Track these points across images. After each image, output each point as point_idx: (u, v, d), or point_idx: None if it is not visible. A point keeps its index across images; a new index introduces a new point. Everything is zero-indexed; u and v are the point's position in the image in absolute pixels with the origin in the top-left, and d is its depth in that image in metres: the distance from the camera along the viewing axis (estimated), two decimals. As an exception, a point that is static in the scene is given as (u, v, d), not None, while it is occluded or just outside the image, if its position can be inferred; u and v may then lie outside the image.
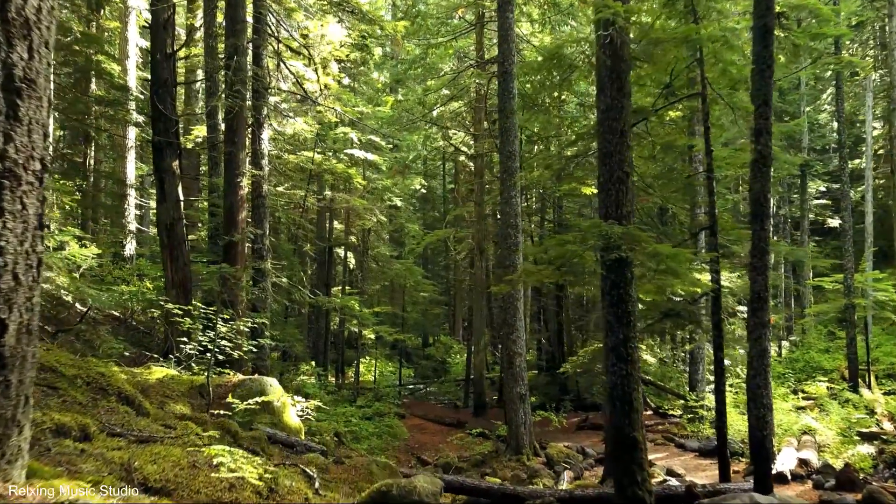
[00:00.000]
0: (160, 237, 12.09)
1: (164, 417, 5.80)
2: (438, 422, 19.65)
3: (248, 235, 12.34)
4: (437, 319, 35.40)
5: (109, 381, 5.45)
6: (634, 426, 6.47)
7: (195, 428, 4.97)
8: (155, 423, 4.90)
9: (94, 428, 3.64)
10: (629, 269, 6.70)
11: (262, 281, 12.58)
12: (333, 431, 14.65)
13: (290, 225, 20.58)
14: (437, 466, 14.14)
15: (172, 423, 5.07)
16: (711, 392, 16.99)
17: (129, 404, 5.41)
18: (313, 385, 16.57)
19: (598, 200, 6.96)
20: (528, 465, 13.39)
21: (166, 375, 8.16)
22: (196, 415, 7.03)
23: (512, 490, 7.91)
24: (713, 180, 9.08)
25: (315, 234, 24.66)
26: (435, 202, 44.77)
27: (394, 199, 24.44)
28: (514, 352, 13.92)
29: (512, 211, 14.10)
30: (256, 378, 8.43)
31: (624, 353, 6.63)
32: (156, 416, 5.74)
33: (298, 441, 7.66)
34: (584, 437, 16.28)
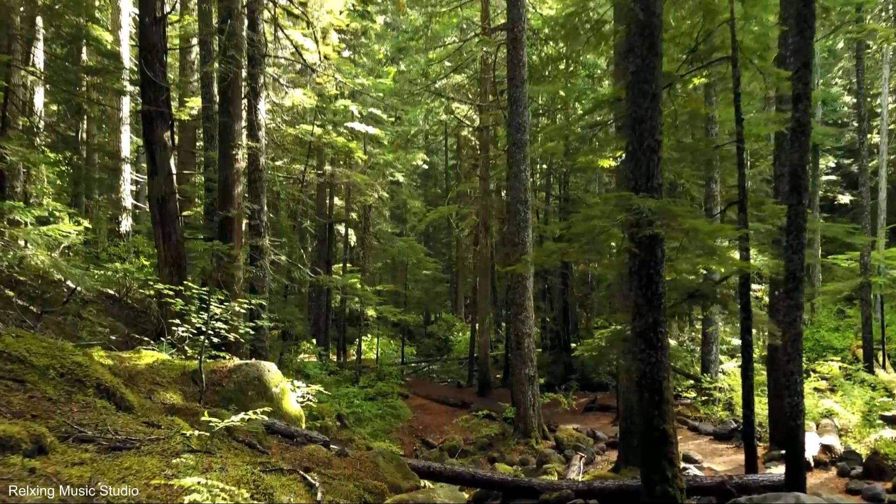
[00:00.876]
0: (151, 212, 11.48)
1: (150, 412, 5.25)
2: (442, 402, 19.22)
3: (244, 211, 11.72)
4: (439, 297, 34.89)
5: (87, 371, 4.89)
6: (664, 418, 5.93)
7: (182, 425, 4.42)
8: (137, 420, 4.34)
9: (52, 438, 3.08)
10: (660, 247, 6.11)
11: (260, 259, 11.99)
12: (336, 414, 14.19)
13: (290, 200, 19.94)
14: (443, 450, 13.70)
15: (157, 420, 4.52)
16: (723, 373, 16.54)
17: (108, 398, 4.86)
18: (314, 365, 16.09)
19: (626, 171, 6.34)
20: (537, 448, 12.95)
21: (157, 360, 7.61)
22: (187, 405, 6.49)
23: (527, 482, 7.41)
24: (743, 151, 8.44)
25: (315, 210, 24.03)
26: (437, 178, 44.05)
27: (396, 174, 23.75)
28: (522, 332, 13.39)
29: (521, 186, 13.47)
30: (253, 363, 7.88)
31: (653, 339, 6.06)
32: (140, 410, 5.19)
33: (298, 431, 7.14)
34: (593, 420, 15.83)
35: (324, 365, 17.25)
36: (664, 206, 5.70)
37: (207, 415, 5.80)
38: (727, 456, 11.68)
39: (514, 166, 13.47)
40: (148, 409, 5.52)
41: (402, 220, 33.83)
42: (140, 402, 5.68)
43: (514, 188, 13.60)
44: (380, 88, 22.32)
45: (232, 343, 8.77)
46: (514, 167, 13.47)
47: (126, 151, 20.55)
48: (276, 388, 7.84)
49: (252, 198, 12.32)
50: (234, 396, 7.38)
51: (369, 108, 23.00)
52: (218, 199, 11.88)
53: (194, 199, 21.17)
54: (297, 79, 20.36)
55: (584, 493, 7.36)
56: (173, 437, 3.83)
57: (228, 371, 7.64)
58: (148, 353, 7.83)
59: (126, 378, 6.70)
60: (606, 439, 13.08)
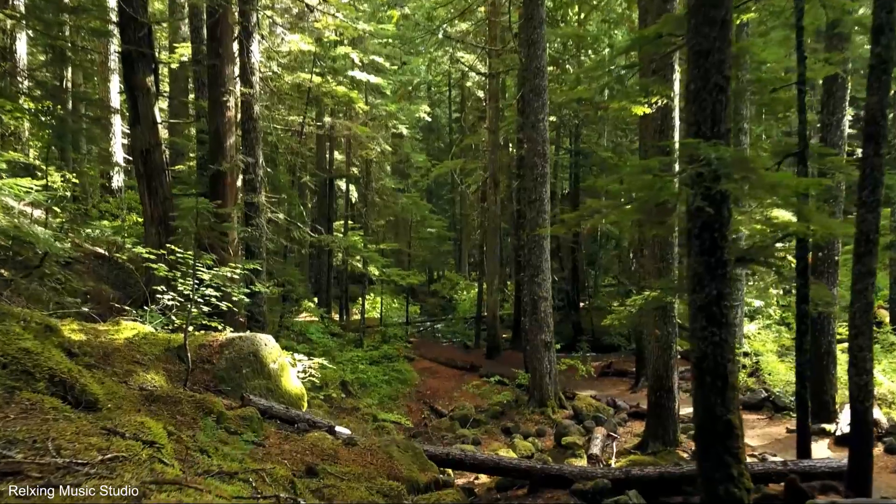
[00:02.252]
0: (135, 166, 10.46)
1: (118, 409, 4.35)
2: (450, 365, 18.49)
3: (238, 165, 10.68)
4: (443, 255, 33.96)
5: (38, 359, 3.97)
6: (729, 407, 5.05)
7: (155, 431, 3.51)
8: (96, 424, 3.43)
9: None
10: (727, 206, 5.12)
11: (256, 217, 11.01)
12: (340, 381, 13.44)
13: (288, 154, 18.81)
14: (454, 418, 12.98)
15: (124, 423, 3.61)
16: (746, 337, 15.72)
17: (65, 393, 3.95)
18: (317, 329, 15.28)
19: (686, 115, 5.31)
20: (554, 418, 12.21)
21: (138, 334, 6.71)
22: (170, 389, 5.60)
23: (557, 469, 6.60)
24: (804, 94, 7.37)
25: (315, 164, 22.90)
26: (440, 132, 42.64)
27: (399, 126, 22.51)
28: (539, 296, 12.50)
29: (539, 137, 12.37)
30: (248, 336, 6.98)
31: (717, 314, 5.13)
32: (107, 405, 4.28)
33: (300, 415, 6.28)
34: (610, 385, 15.09)
35: (326, 327, 16.45)
36: (739, 157, 4.70)
37: (190, 404, 4.91)
38: (760, 428, 10.93)
39: (532, 115, 12.35)
40: (118, 401, 4.63)
41: (405, 175, 32.62)
42: (110, 390, 4.78)
43: (530, 139, 12.50)
44: (382, 34, 20.95)
45: (225, 312, 7.87)
46: (532, 116, 12.35)
47: (116, 102, 19.31)
48: (273, 363, 6.96)
49: (246, 150, 11.26)
50: (226, 375, 6.51)
51: (371, 56, 21.66)
52: (209, 152, 10.84)
53: (187, 153, 20.05)
54: (295, 22, 18.99)
55: (622, 482, 6.56)
56: (136, 459, 2.92)
57: (220, 346, 6.74)
58: (128, 325, 6.92)
59: (100, 357, 5.80)
60: (628, 409, 12.32)
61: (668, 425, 9.58)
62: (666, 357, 9.55)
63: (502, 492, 6.96)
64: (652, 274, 9.60)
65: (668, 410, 9.57)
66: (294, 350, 13.63)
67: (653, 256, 9.57)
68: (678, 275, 8.28)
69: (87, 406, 4.04)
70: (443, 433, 12.44)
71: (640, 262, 14.43)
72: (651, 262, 9.63)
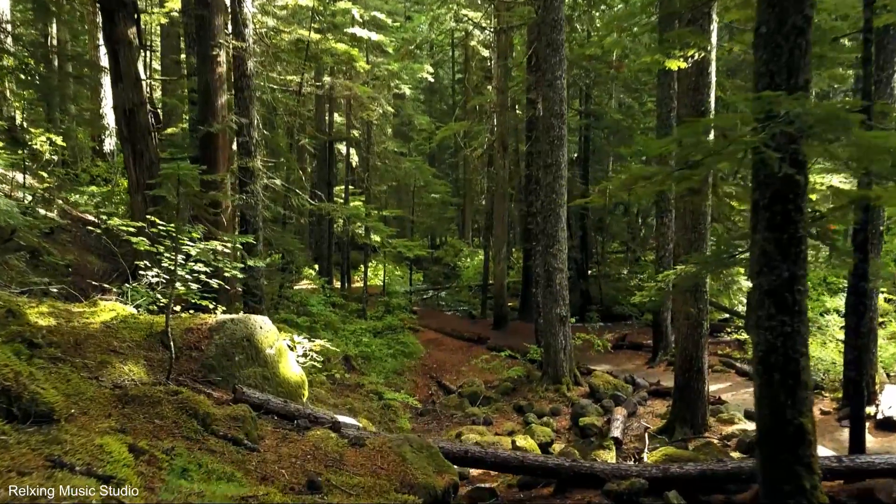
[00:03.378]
0: (118, 127, 9.60)
1: (84, 420, 3.61)
2: (456, 336, 17.85)
3: (230, 126, 9.80)
4: (447, 222, 33.08)
5: (-26, 364, 3.21)
6: (801, 409, 4.32)
7: (117, 456, 2.78)
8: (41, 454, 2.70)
9: None
10: (804, 173, 4.31)
11: (251, 183, 10.17)
12: (342, 356, 12.77)
13: (286, 115, 17.84)
14: (463, 395, 12.36)
15: (82, 442, 2.88)
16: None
17: (10, 404, 3.20)
18: (318, 300, 14.57)
19: (756, 64, 4.47)
20: (569, 396, 11.57)
21: (117, 316, 5.96)
22: (150, 384, 4.87)
23: (588, 468, 5.92)
24: (871, 43, 6.47)
25: (314, 127, 21.90)
26: (442, 93, 41.39)
27: (402, 86, 21.46)
28: (554, 267, 11.74)
29: (556, 96, 11.45)
30: (241, 318, 6.23)
31: (789, 300, 4.36)
32: (62, 416, 3.54)
33: (300, 410, 5.56)
34: (625, 359, 14.43)
35: (327, 297, 15.75)
36: (830, 112, 3.86)
37: (172, 406, 4.18)
38: (790, 409, 10.25)
39: (548, 72, 11.41)
40: (84, 405, 3.89)
41: (408, 137, 31.55)
42: (75, 391, 4.05)
43: (546, 98, 11.58)
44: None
45: (218, 289, 7.10)
46: (548, 73, 11.41)
47: (105, 61, 18.26)
48: (270, 349, 6.23)
49: (240, 110, 10.36)
50: (216, 363, 5.78)
51: (372, 12, 20.53)
52: (198, 112, 9.96)
53: (180, 114, 19.07)
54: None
55: (659, 481, 5.89)
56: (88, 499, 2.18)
57: (209, 330, 5.99)
58: (107, 306, 6.17)
59: (70, 346, 5.06)
60: (647, 387, 11.65)
61: (697, 408, 8.92)
62: (696, 336, 8.84)
63: (525, 490, 6.30)
64: (683, 246, 8.82)
65: (696, 393, 8.90)
66: (294, 323, 12.96)
67: (684, 227, 8.78)
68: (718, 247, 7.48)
69: (38, 419, 3.29)
70: (451, 411, 11.83)
71: (661, 230, 13.63)
72: (682, 234, 8.83)
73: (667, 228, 13.66)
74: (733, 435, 8.65)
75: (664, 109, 13.39)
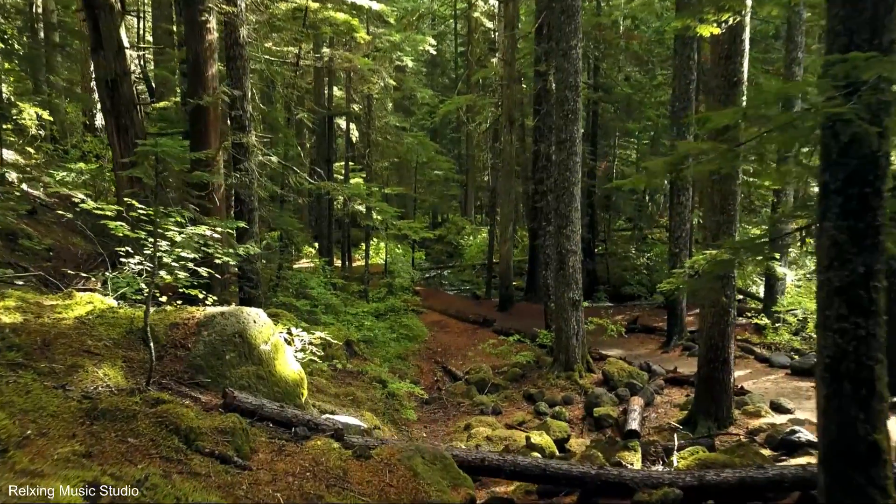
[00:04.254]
0: (101, 99, 8.93)
1: (41, 444, 3.01)
2: (461, 318, 17.31)
3: (221, 98, 9.10)
4: (450, 199, 32.32)
5: None
6: (875, 423, 3.75)
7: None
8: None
9: None
10: (886, 152, 3.68)
11: (246, 160, 9.51)
12: (344, 341, 12.21)
13: (282, 87, 17.08)
14: (470, 382, 11.83)
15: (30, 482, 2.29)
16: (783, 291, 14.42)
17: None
18: (318, 282, 13.98)
19: (830, 21, 3.80)
20: (581, 384, 11.04)
21: (94, 310, 5.37)
22: (126, 392, 4.29)
23: (615, 475, 5.36)
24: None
25: (313, 101, 21.10)
26: (444, 66, 40.38)
27: (404, 58, 20.62)
28: (567, 249, 11.13)
29: (571, 66, 10.73)
30: (232, 311, 5.63)
31: (864, 299, 3.76)
32: (23, 432, 2.96)
33: (299, 416, 4.99)
34: (637, 344, 13.88)
35: (328, 279, 15.16)
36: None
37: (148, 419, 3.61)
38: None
39: (562, 41, 10.66)
40: (44, 423, 3.30)
41: (409, 112, 30.68)
42: (34, 407, 3.47)
43: (560, 69, 10.85)
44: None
45: (210, 279, 6.50)
46: (562, 42, 10.67)
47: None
48: (265, 344, 5.64)
49: (232, 81, 9.65)
50: (204, 363, 5.20)
51: (373, -21, 19.63)
52: (188, 84, 9.26)
53: (173, 87, 18.29)
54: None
55: (695, 490, 5.35)
56: None
57: (197, 325, 5.40)
58: (83, 298, 5.57)
59: (36, 347, 4.47)
60: (664, 374, 11.11)
61: (722, 400, 8.36)
62: (723, 325, 8.25)
63: (546, 498, 5.76)
64: (710, 229, 8.19)
65: (721, 384, 8.34)
66: (293, 307, 12.38)
67: (713, 208, 8.14)
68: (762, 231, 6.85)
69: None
70: (458, 399, 11.31)
71: (678, 210, 12.98)
72: (710, 216, 8.19)
73: (683, 208, 13.03)
74: (760, 429, 8.11)
75: (683, 81, 12.67)
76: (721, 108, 8.00)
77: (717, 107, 8.04)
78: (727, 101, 7.91)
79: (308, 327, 7.97)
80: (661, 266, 22.54)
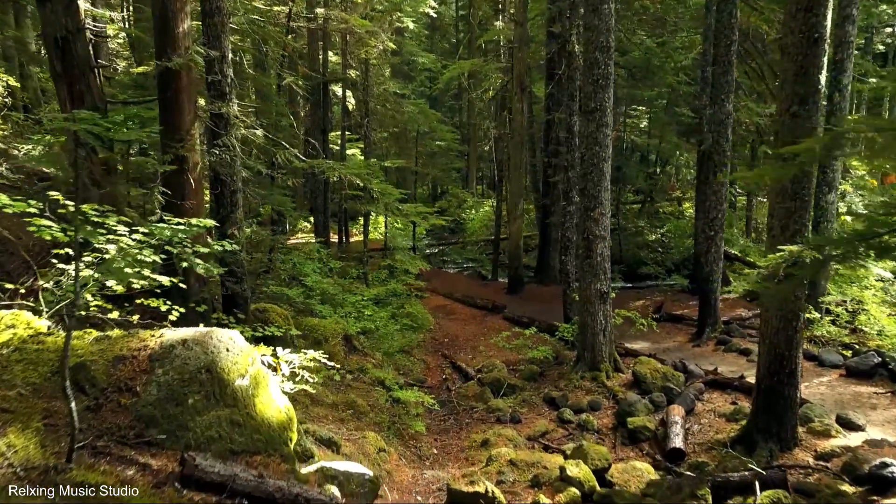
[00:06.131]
0: (49, 61, 7.48)
1: None
2: (468, 303, 16.08)
3: (195, 60, 7.63)
4: (452, 171, 30.78)
5: None
6: None
7: None
8: None
9: None
10: None
11: (225, 134, 8.10)
12: (342, 335, 10.97)
13: (273, 47, 15.51)
14: (484, 383, 10.63)
15: None
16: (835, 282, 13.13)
17: None
18: (312, 267, 12.66)
19: None
20: (609, 385, 9.83)
21: (12, 339, 4.07)
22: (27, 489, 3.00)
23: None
24: None
25: (306, 65, 19.50)
26: (445, 31, 38.54)
27: (404, 19, 19.00)
28: (595, 234, 9.81)
29: (602, 24, 9.28)
30: (198, 336, 4.32)
31: None
32: None
33: (284, 491, 3.72)
34: (665, 335, 12.65)
35: (324, 263, 13.84)
36: None
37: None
38: (882, 408, 8.53)
39: (594, -6, 9.19)
40: None
41: (409, 78, 29.00)
42: None
43: (590, 27, 9.39)
44: None
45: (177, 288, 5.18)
46: (593, -4, 9.20)
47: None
48: (241, 378, 4.36)
49: (209, 40, 8.20)
50: (158, 413, 3.91)
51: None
52: (154, 41, 7.81)
53: (150, 49, 16.67)
54: None
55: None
56: None
57: (150, 359, 4.09)
58: (3, 319, 4.25)
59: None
60: (702, 376, 9.88)
61: (786, 418, 7.17)
62: (790, 330, 7.00)
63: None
64: (779, 217, 6.86)
65: (786, 399, 7.14)
66: (285, 297, 11.09)
67: (782, 192, 6.80)
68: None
69: None
70: (471, 403, 10.11)
71: (714, 188, 11.64)
72: (779, 201, 6.86)
73: (720, 185, 11.68)
74: (833, 454, 6.92)
75: (723, 42, 11.20)
76: (796, 69, 6.62)
77: (791, 68, 6.65)
78: (806, 63, 6.53)
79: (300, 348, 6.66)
80: (676, 243, 21.28)
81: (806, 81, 6.55)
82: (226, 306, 8.37)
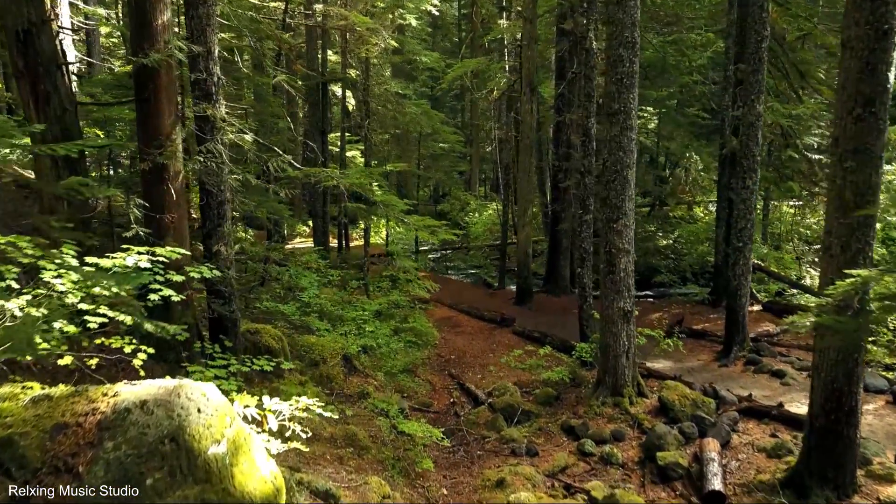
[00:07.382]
0: (10, 56, 6.63)
1: None
2: (475, 315, 15.22)
3: (174, 56, 6.78)
4: (455, 174, 29.90)
5: None
6: None
7: None
8: None
9: None
10: None
11: (211, 140, 7.26)
12: (341, 355, 10.14)
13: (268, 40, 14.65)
14: (496, 409, 9.79)
15: None
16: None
17: None
18: (311, 281, 11.79)
19: None
20: (633, 412, 8.99)
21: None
22: None
23: None
24: None
25: (305, 64, 18.66)
26: (447, 30, 37.75)
27: (406, 16, 18.17)
28: (618, 248, 8.97)
29: (627, 18, 8.44)
30: (161, 396, 3.47)
31: None
32: None
33: None
34: (687, 353, 11.76)
35: (323, 276, 12.99)
36: None
37: None
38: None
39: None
40: None
41: (411, 77, 28.15)
42: None
43: (615, 21, 8.55)
44: None
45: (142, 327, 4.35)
46: (618, -14, 8.35)
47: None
48: (217, 445, 3.51)
49: (193, 34, 7.35)
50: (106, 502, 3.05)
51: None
52: (131, 35, 6.97)
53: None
54: None
55: None
56: None
57: (98, 428, 3.24)
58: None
59: None
60: (736, 403, 9.03)
61: (845, 462, 6.33)
62: (850, 363, 6.17)
63: None
64: (837, 234, 6.01)
65: (845, 440, 6.30)
66: (280, 314, 10.25)
67: (842, 206, 5.94)
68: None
69: None
70: (482, 432, 9.26)
71: (743, 195, 10.79)
72: (838, 216, 6.01)
73: (749, 193, 10.85)
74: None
75: (754, 38, 10.36)
76: (861, 66, 5.78)
77: (854, 65, 5.82)
78: (873, 58, 5.70)
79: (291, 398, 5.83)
80: (689, 249, 20.46)
81: (873, 80, 5.72)
82: (212, 331, 7.53)
